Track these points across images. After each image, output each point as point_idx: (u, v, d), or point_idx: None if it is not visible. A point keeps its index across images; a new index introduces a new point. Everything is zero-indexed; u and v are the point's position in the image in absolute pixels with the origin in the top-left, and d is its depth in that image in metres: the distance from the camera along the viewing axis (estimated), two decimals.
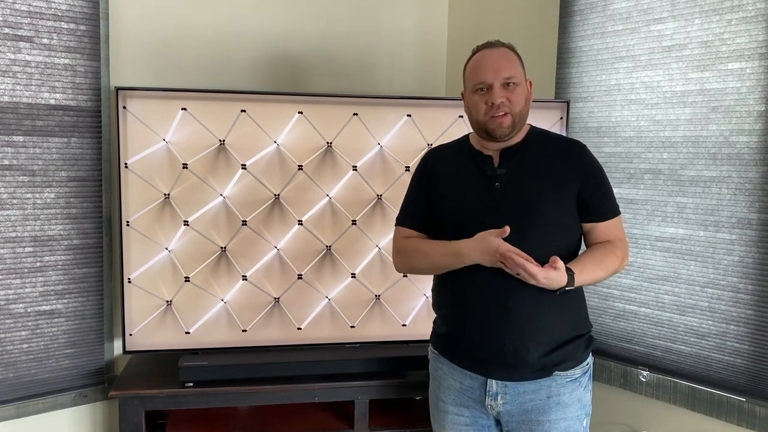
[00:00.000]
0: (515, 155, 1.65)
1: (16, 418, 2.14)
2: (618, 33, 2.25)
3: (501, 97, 1.58)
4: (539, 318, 1.59)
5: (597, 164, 1.68)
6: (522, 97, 1.62)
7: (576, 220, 1.65)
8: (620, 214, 1.68)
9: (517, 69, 1.62)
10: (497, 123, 1.60)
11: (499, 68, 1.59)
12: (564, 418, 1.61)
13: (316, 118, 2.22)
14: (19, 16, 2.06)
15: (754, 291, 1.96)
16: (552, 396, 1.60)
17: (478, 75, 1.62)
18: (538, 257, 1.51)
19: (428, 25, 2.90)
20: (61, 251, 2.20)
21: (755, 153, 1.94)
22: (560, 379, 1.61)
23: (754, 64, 1.93)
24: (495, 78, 1.59)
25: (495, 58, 1.62)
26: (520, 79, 1.62)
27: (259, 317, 2.24)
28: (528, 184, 1.62)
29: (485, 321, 1.60)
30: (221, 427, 2.23)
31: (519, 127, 1.64)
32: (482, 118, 1.62)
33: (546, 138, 1.71)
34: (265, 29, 2.53)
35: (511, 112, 1.60)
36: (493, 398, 1.62)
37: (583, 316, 1.69)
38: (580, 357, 1.64)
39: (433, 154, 1.82)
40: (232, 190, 2.19)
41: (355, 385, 2.16)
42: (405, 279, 2.33)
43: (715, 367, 2.05)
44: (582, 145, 1.68)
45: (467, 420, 1.68)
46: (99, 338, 2.30)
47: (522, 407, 1.61)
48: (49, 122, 2.14)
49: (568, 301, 1.62)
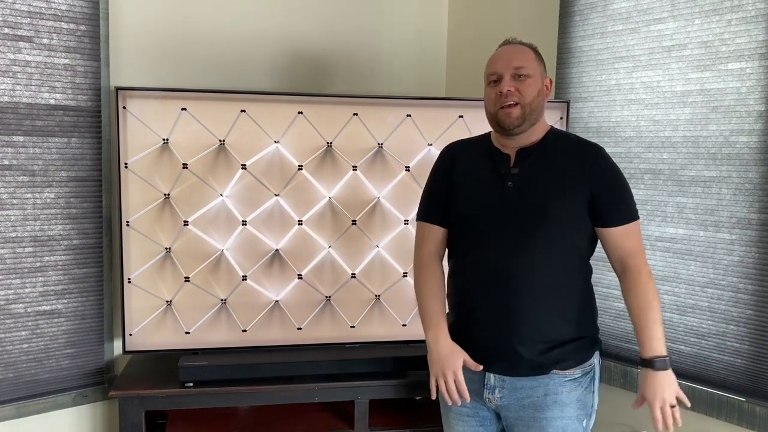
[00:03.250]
0: (531, 155, 1.65)
1: (16, 418, 2.14)
2: (618, 33, 2.25)
3: (509, 86, 1.59)
4: (540, 319, 1.60)
5: (611, 169, 1.66)
6: (533, 89, 1.61)
7: (586, 222, 1.63)
8: (637, 219, 1.65)
9: (530, 62, 1.63)
10: (505, 113, 1.60)
11: (511, 59, 1.62)
12: (561, 416, 1.61)
13: (316, 118, 2.22)
14: (19, 16, 2.06)
15: (754, 291, 1.95)
16: (549, 394, 1.61)
17: (491, 66, 1.65)
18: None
19: (428, 25, 2.90)
20: (61, 251, 2.20)
21: (755, 153, 1.94)
22: (558, 377, 1.61)
23: (754, 64, 1.93)
24: (505, 68, 1.61)
25: (510, 51, 1.65)
26: (533, 72, 1.62)
27: (259, 317, 2.24)
28: (539, 184, 1.62)
29: (488, 320, 1.63)
30: (221, 427, 2.23)
31: (531, 121, 1.63)
32: (493, 108, 1.63)
33: (564, 140, 1.70)
34: (265, 29, 2.53)
35: (520, 103, 1.59)
36: (491, 391, 1.65)
37: (588, 318, 1.69)
38: (582, 357, 1.65)
39: (455, 147, 1.81)
40: (232, 190, 2.19)
41: (355, 385, 2.16)
42: (405, 279, 2.33)
43: (715, 367, 2.05)
44: (597, 149, 1.67)
45: (469, 411, 1.71)
46: (99, 338, 2.29)
47: (519, 403, 1.63)
48: (49, 122, 2.14)
49: (572, 303, 1.64)
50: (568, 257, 1.63)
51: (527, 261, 1.60)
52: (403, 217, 2.31)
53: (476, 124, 1.76)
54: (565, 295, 1.63)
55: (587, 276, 1.70)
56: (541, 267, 1.60)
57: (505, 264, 1.61)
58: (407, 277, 2.32)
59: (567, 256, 1.63)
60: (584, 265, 1.68)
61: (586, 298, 1.69)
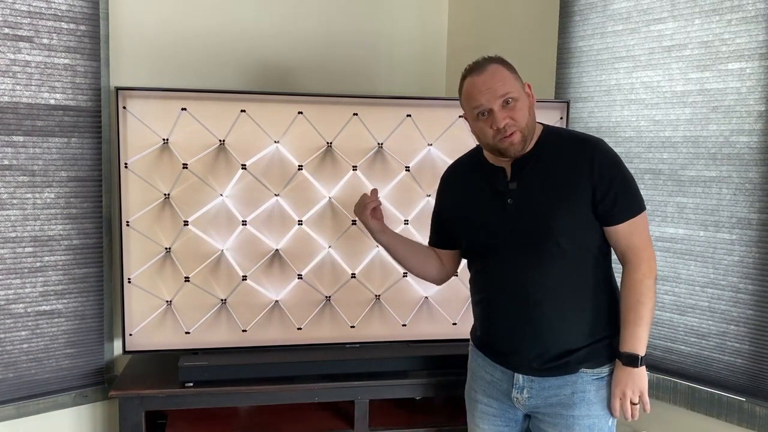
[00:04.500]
0: (527, 165, 1.61)
1: (16, 418, 2.14)
2: (618, 33, 2.25)
3: (504, 119, 1.54)
4: (564, 328, 1.61)
5: (611, 162, 1.59)
6: (525, 111, 1.56)
7: (594, 226, 1.61)
8: (643, 210, 1.59)
9: (512, 84, 1.56)
10: (508, 143, 1.56)
11: (494, 89, 1.53)
12: (588, 415, 1.61)
13: (316, 118, 2.22)
14: (19, 16, 2.06)
15: (754, 291, 1.95)
16: (577, 392, 1.61)
17: (475, 100, 1.56)
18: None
19: (428, 25, 2.90)
20: (61, 251, 2.20)
21: (755, 153, 1.94)
22: (586, 376, 1.62)
23: (754, 64, 1.93)
24: (492, 101, 1.53)
25: (486, 80, 1.55)
26: (518, 93, 1.56)
27: (259, 317, 2.24)
28: (539, 196, 1.59)
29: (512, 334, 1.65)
30: (221, 427, 2.23)
31: (530, 138, 1.60)
32: (491, 141, 1.58)
33: (559, 138, 1.65)
34: (264, 29, 2.53)
35: (518, 129, 1.55)
36: (519, 391, 1.66)
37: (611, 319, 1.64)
38: (610, 355, 1.63)
39: (447, 173, 1.84)
40: (232, 190, 2.19)
41: (355, 385, 2.16)
42: (405, 279, 2.33)
43: (715, 367, 2.05)
44: (595, 143, 1.61)
45: (495, 411, 1.73)
46: (99, 338, 2.29)
47: (547, 401, 1.64)
48: (49, 122, 2.14)
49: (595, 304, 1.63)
50: (583, 260, 1.61)
51: (541, 275, 1.59)
52: (403, 217, 2.31)
53: None
54: (587, 297, 1.62)
55: (607, 271, 1.67)
56: (556, 278, 1.59)
57: (520, 280, 1.61)
58: (407, 277, 2.32)
59: (581, 259, 1.61)
60: (602, 261, 1.65)
61: (610, 294, 1.66)
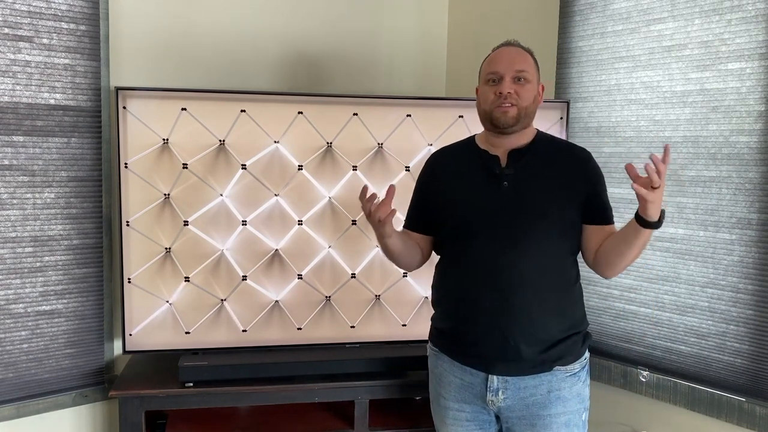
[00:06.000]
0: (523, 156, 1.67)
1: (16, 418, 2.14)
2: (618, 33, 2.25)
3: (510, 88, 1.62)
4: (541, 317, 1.62)
5: (600, 174, 1.72)
6: (531, 94, 1.65)
7: (578, 221, 1.66)
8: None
9: (530, 67, 1.66)
10: (502, 111, 1.62)
11: (513, 61, 1.64)
12: (564, 412, 1.63)
13: (316, 118, 2.22)
14: (19, 16, 2.06)
15: (754, 291, 1.95)
16: (552, 390, 1.63)
17: (492, 65, 1.66)
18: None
19: (428, 25, 2.90)
20: (61, 251, 2.20)
21: (755, 153, 1.94)
22: (560, 373, 1.64)
23: (754, 64, 1.93)
24: (507, 69, 1.63)
25: (511, 53, 1.66)
26: (532, 77, 1.65)
27: (259, 317, 2.24)
28: (535, 184, 1.64)
29: (489, 319, 1.63)
30: (221, 427, 2.23)
31: (524, 123, 1.66)
32: (489, 107, 1.64)
33: (552, 143, 1.74)
34: (264, 29, 2.53)
35: (517, 105, 1.62)
36: (494, 393, 1.64)
37: (580, 315, 1.72)
38: (579, 352, 1.68)
39: (436, 156, 1.85)
40: (232, 190, 2.19)
41: (355, 385, 2.16)
42: (405, 279, 2.33)
43: (715, 367, 2.05)
44: (588, 154, 1.73)
45: (468, 415, 1.71)
46: (99, 338, 2.30)
47: (523, 402, 1.63)
48: (49, 122, 2.14)
49: (568, 299, 1.67)
50: (564, 254, 1.66)
51: (526, 259, 1.61)
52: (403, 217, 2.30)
53: (476, 124, 1.76)
54: (563, 291, 1.66)
55: (578, 272, 1.72)
56: (539, 265, 1.61)
57: (503, 262, 1.61)
58: (407, 277, 2.32)
59: (562, 253, 1.66)
60: (575, 261, 1.71)
61: (579, 293, 1.72)
